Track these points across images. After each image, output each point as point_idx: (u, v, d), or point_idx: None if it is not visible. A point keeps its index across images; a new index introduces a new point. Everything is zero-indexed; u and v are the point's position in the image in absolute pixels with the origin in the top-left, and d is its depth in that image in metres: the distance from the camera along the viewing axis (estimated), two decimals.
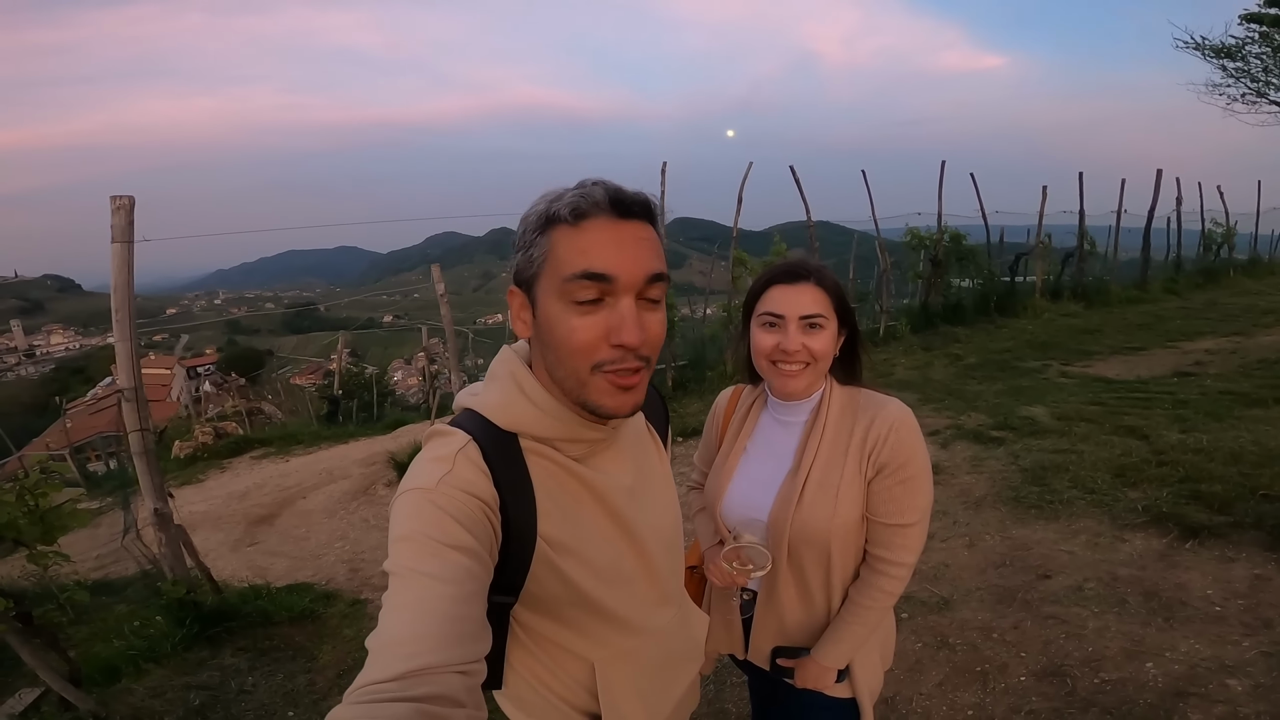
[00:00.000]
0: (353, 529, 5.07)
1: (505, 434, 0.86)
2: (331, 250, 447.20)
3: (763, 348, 1.24)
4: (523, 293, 0.84)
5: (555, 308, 0.79)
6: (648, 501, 0.98)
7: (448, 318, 7.03)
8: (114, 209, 3.11)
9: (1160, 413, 4.97)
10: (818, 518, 1.22)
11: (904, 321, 9.47)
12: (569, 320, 0.79)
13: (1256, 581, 2.74)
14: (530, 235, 0.81)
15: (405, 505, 0.77)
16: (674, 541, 1.06)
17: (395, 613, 0.68)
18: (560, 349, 0.80)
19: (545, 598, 0.88)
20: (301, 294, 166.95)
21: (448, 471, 0.79)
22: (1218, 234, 14.15)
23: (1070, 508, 3.57)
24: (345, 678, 2.90)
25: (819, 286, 1.22)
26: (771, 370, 1.25)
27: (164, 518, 3.25)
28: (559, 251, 0.78)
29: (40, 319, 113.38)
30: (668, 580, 1.03)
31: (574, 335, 0.78)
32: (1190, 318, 9.43)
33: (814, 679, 1.28)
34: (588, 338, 0.78)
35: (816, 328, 1.22)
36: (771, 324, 1.23)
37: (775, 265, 1.28)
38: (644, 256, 0.79)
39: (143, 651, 2.98)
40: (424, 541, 0.73)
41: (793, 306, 1.21)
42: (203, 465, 8.23)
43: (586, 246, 0.77)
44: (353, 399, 14.16)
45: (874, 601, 1.25)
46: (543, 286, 0.80)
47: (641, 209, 0.80)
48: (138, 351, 3.28)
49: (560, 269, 0.78)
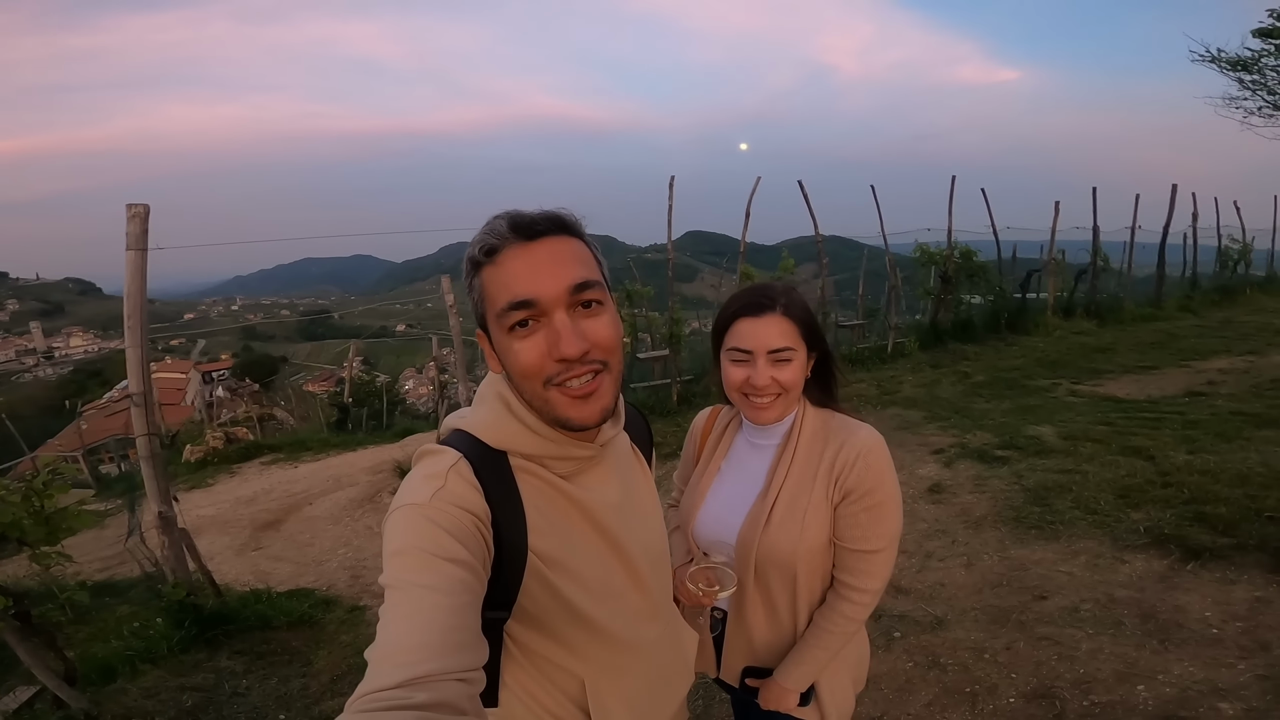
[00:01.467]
0: (357, 536, 5.11)
1: (495, 452, 0.88)
2: (347, 258, 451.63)
3: (733, 381, 1.25)
4: (483, 333, 0.89)
5: (502, 340, 0.85)
6: (635, 519, 1.00)
7: (457, 329, 7.09)
8: (129, 216, 3.18)
9: (1169, 433, 4.92)
10: (785, 540, 1.23)
11: (912, 339, 9.42)
12: (512, 346, 0.83)
13: (1257, 604, 2.71)
14: (466, 281, 0.87)
15: (399, 521, 0.78)
16: (662, 558, 1.07)
17: (393, 624, 0.69)
18: (515, 375, 0.86)
19: (537, 612, 0.89)
20: (316, 301, 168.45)
21: (440, 487, 0.80)
22: (1234, 250, 13.96)
23: (1072, 528, 3.53)
24: (340, 683, 2.93)
25: (786, 316, 1.21)
26: (743, 401, 1.27)
27: (168, 521, 3.31)
28: (488, 290, 0.84)
29: (60, 321, 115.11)
30: (657, 596, 1.05)
31: (519, 359, 0.83)
32: (1205, 336, 9.32)
33: (775, 700, 1.28)
34: (531, 358, 0.83)
35: (784, 361, 1.22)
36: (739, 360, 1.24)
37: (741, 293, 1.27)
38: (561, 270, 0.82)
39: (140, 652, 3.03)
40: (419, 555, 0.74)
41: (760, 341, 1.21)
42: (212, 469, 8.32)
43: (506, 279, 0.82)
44: (363, 407, 14.24)
45: (836, 626, 1.24)
46: (490, 324, 0.86)
47: (549, 225, 0.83)
48: (148, 357, 3.35)
49: (493, 306, 0.83)
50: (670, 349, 7.56)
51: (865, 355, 8.98)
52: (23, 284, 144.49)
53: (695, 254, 70.08)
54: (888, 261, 9.88)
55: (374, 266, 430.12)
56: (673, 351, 7.57)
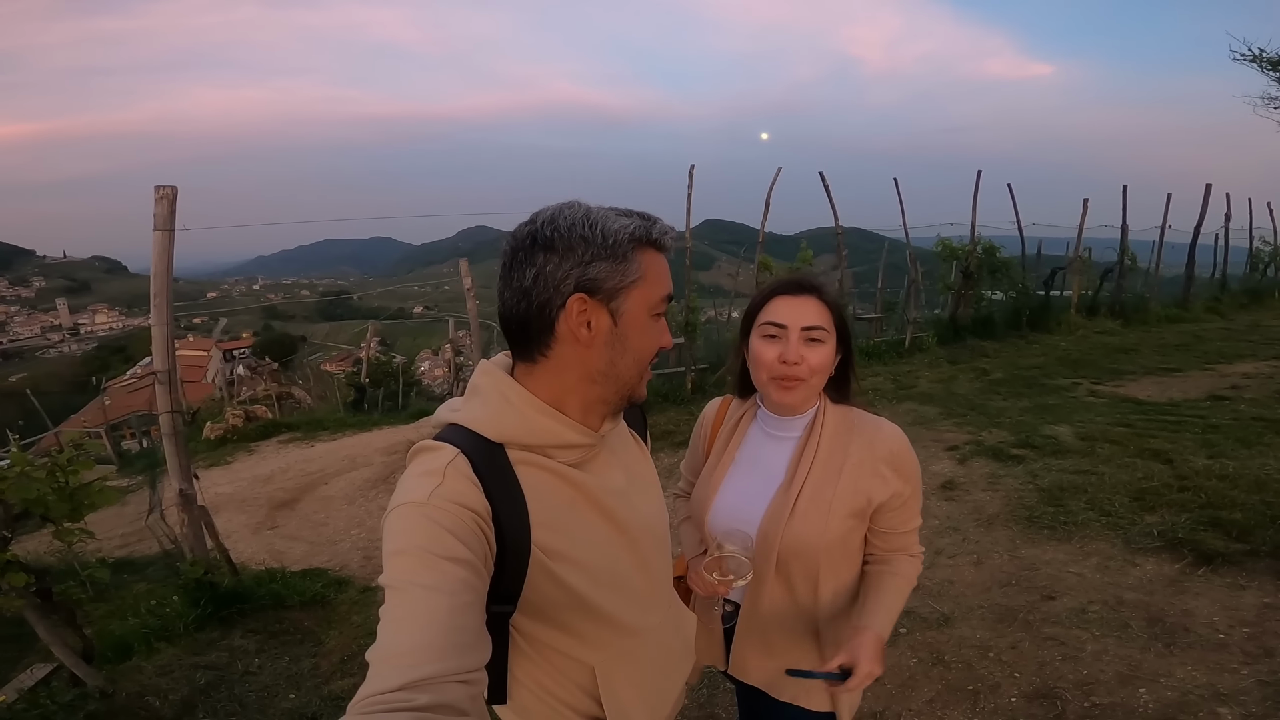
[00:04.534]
0: (370, 516, 5.18)
1: (493, 445, 0.87)
2: (367, 240, 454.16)
3: (763, 359, 1.25)
4: (597, 301, 0.86)
5: (645, 319, 0.90)
6: (639, 502, 1.01)
7: (473, 311, 7.14)
8: (157, 198, 3.23)
9: (1189, 437, 4.84)
10: (809, 532, 1.24)
11: (931, 334, 9.34)
12: (653, 329, 0.92)
13: (1265, 610, 2.68)
14: (622, 249, 0.85)
15: (398, 520, 0.78)
16: (665, 540, 1.09)
17: (394, 625, 0.70)
18: (642, 351, 0.92)
19: (543, 604, 0.90)
20: (336, 282, 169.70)
21: (438, 485, 0.80)
22: (1265, 252, 13.66)
23: (1084, 530, 3.51)
24: (349, 663, 2.98)
25: (822, 301, 1.24)
26: (770, 384, 1.26)
27: (188, 499, 3.37)
28: (655, 272, 0.90)
29: (86, 299, 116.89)
30: (661, 579, 1.06)
31: (659, 340, 0.93)
32: (1231, 339, 9.14)
33: (873, 649, 1.18)
34: (662, 343, 0.94)
35: (817, 341, 1.23)
36: (773, 335, 1.24)
37: (778, 278, 1.30)
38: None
39: (156, 630, 3.09)
40: (419, 555, 0.74)
41: (796, 317, 1.23)
42: (231, 447, 8.46)
43: (665, 275, 0.92)
44: (379, 387, 14.39)
45: (907, 579, 1.32)
46: (634, 298, 0.88)
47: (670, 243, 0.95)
48: (173, 336, 3.40)
49: (656, 288, 0.90)
50: (686, 337, 7.55)
51: (882, 349, 8.90)
52: (50, 262, 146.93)
53: (713, 243, 69.69)
54: (908, 255, 9.76)
55: (393, 249, 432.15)
56: (688, 339, 7.57)
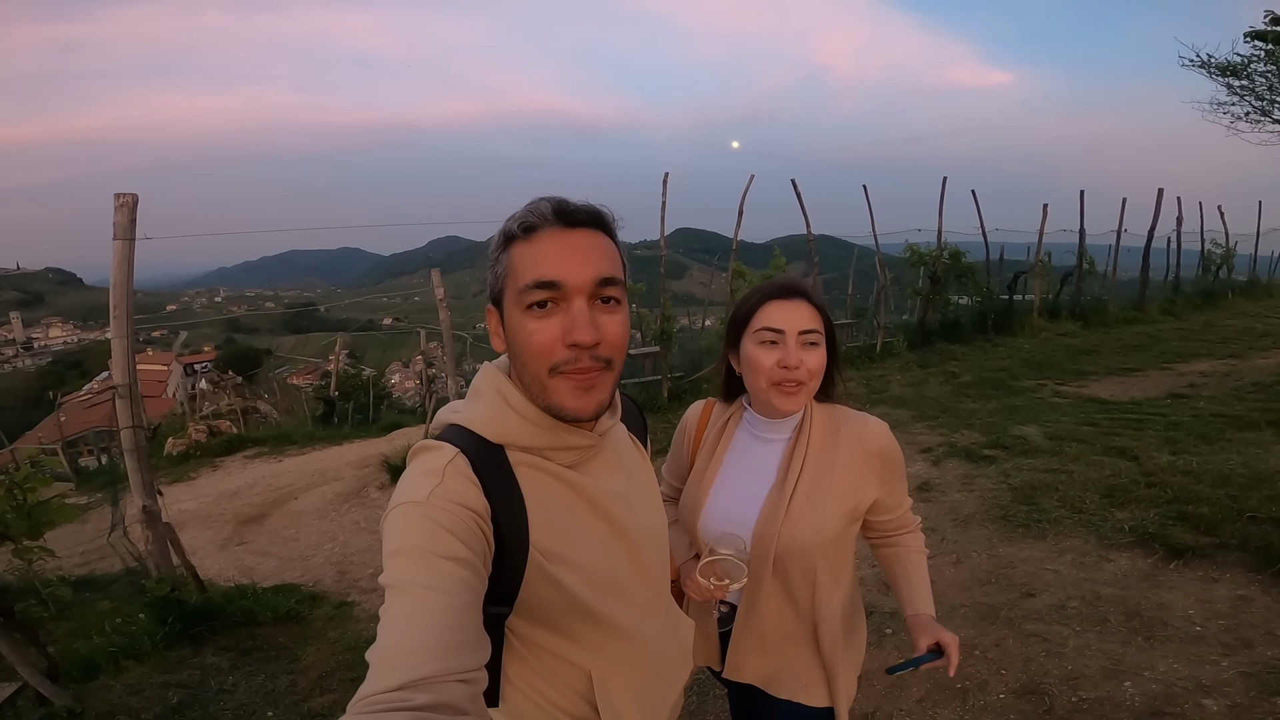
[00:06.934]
0: (343, 531, 5.07)
1: (492, 446, 0.87)
2: (334, 251, 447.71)
3: (763, 365, 1.23)
4: (495, 309, 0.89)
5: (516, 317, 0.85)
6: (639, 506, 1.00)
7: (446, 322, 7.04)
8: (117, 206, 3.13)
9: (1152, 434, 4.98)
10: (805, 531, 1.24)
11: (901, 338, 9.49)
12: (527, 325, 0.84)
13: (1239, 602, 2.75)
14: (494, 254, 0.87)
15: (397, 519, 0.78)
16: (664, 545, 1.08)
17: (394, 625, 0.69)
18: (522, 354, 0.85)
19: (540, 607, 0.88)
20: (302, 294, 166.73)
21: (438, 484, 0.80)
22: (1217, 255, 14.18)
23: (1058, 527, 3.57)
24: (328, 679, 2.90)
25: (812, 304, 1.25)
26: (772, 390, 1.24)
27: (152, 515, 3.26)
28: (515, 264, 0.84)
29: (40, 312, 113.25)
30: (659, 584, 1.05)
31: (531, 339, 0.83)
32: (1187, 339, 9.45)
33: (930, 629, 1.24)
34: (544, 340, 0.83)
35: (813, 345, 1.23)
36: (771, 340, 1.23)
37: (767, 283, 1.29)
38: (592, 261, 0.84)
39: (123, 649, 2.97)
40: (418, 554, 0.74)
41: (792, 321, 1.22)
42: (195, 463, 8.22)
43: (537, 257, 0.83)
44: (349, 400, 14.12)
45: (921, 551, 1.38)
46: (507, 299, 0.86)
47: (589, 218, 0.86)
48: (134, 349, 3.29)
49: (518, 280, 0.84)
50: (661, 345, 7.56)
51: (854, 354, 9.03)
52: (2, 274, 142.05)
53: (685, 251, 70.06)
54: (877, 261, 9.93)
55: (361, 259, 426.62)
56: (663, 348, 7.57)
